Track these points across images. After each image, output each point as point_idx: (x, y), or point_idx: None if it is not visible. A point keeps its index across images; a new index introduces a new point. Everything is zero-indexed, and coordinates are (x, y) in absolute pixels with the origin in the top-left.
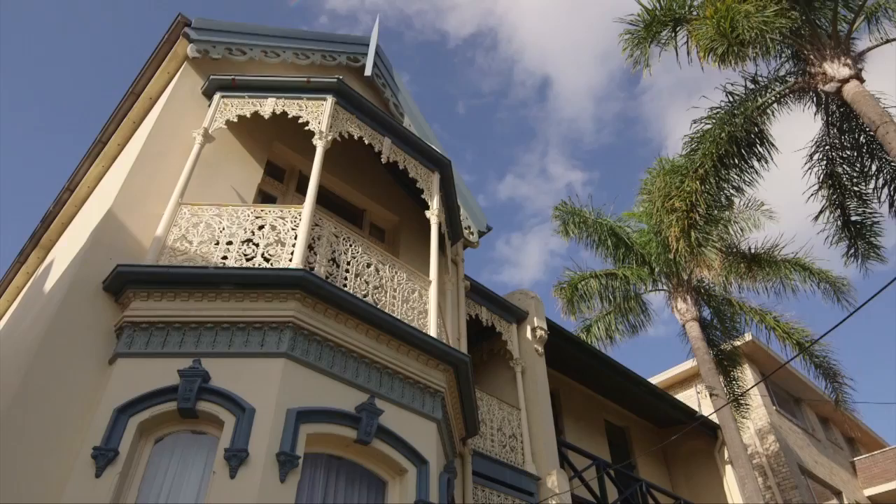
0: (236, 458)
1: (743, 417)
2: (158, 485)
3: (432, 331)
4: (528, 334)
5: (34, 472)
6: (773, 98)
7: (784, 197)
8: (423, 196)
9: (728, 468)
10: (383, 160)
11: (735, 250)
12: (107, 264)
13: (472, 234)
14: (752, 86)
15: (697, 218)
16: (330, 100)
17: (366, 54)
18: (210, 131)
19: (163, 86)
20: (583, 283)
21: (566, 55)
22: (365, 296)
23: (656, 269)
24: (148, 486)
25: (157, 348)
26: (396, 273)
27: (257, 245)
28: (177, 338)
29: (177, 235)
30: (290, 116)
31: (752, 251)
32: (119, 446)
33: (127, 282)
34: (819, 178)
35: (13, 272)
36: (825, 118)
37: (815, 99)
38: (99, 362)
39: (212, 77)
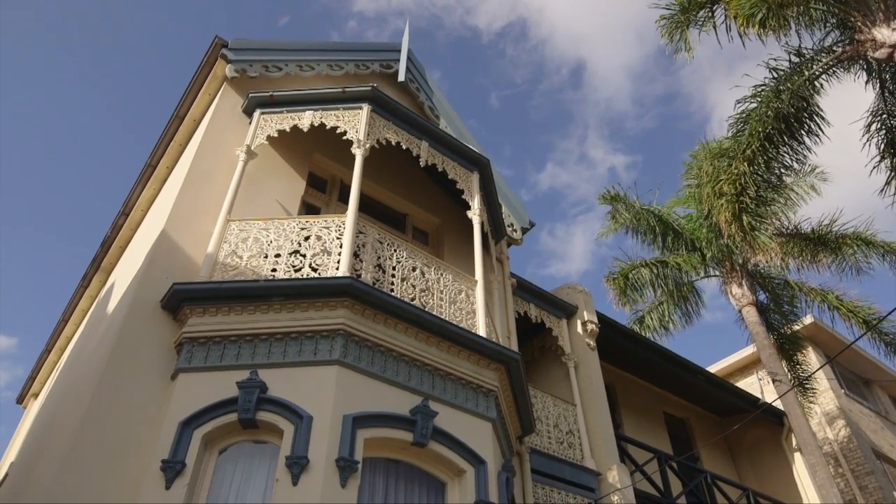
0: (297, 465)
1: (809, 402)
2: (225, 495)
3: (481, 330)
4: (579, 329)
5: (106, 486)
6: (821, 70)
7: (838, 168)
8: (463, 197)
9: (797, 456)
10: (422, 163)
11: (793, 230)
12: (163, 283)
13: (515, 231)
14: (796, 59)
15: (748, 201)
16: (366, 108)
17: (398, 60)
18: (252, 148)
19: (205, 107)
20: (634, 272)
21: (599, 36)
22: (412, 299)
23: (708, 255)
24: (215, 496)
25: (215, 362)
26: (442, 275)
27: (304, 256)
28: (233, 351)
29: (227, 251)
30: (328, 127)
31: (811, 229)
32: (186, 458)
33: (183, 299)
34: (880, 149)
35: (78, 296)
36: (879, 86)
37: (865, 67)
38: (162, 378)
39: (250, 95)
